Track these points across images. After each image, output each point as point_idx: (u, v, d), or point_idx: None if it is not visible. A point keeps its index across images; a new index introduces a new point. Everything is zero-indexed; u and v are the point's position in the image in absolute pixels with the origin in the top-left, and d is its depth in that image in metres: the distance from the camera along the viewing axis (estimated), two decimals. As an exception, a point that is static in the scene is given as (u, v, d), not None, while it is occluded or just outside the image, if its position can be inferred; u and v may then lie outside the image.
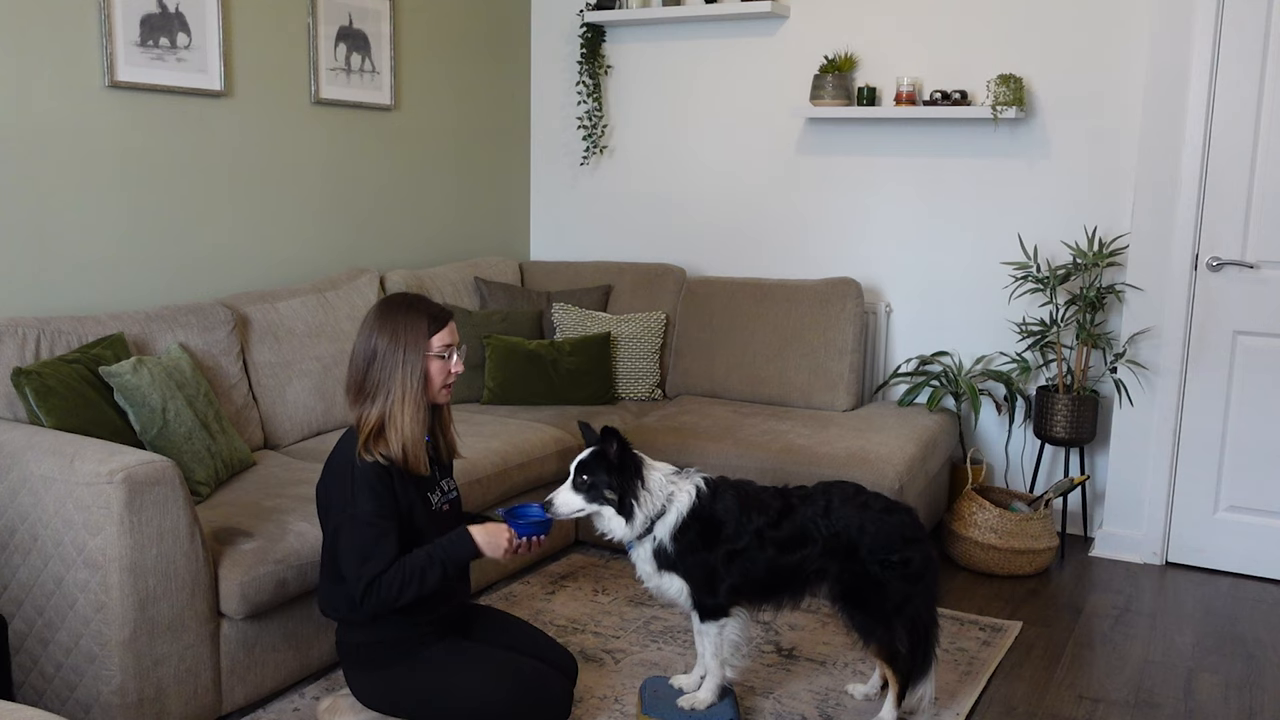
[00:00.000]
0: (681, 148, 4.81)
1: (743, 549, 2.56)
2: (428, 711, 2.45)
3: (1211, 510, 3.88)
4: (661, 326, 4.49)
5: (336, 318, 3.77)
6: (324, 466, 2.46)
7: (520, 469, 3.52)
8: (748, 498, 2.62)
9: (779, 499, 2.65)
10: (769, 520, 2.59)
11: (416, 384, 2.35)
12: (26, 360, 2.82)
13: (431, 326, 2.37)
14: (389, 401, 2.34)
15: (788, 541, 2.59)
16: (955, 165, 4.28)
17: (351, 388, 2.39)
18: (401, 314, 2.37)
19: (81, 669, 2.44)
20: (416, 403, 2.35)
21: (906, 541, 2.60)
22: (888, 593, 2.58)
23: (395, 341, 2.34)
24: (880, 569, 2.57)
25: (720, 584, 2.57)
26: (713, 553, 2.56)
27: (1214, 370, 3.81)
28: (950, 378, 4.17)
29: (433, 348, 2.37)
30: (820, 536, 2.58)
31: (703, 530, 2.55)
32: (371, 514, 2.32)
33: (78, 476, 2.38)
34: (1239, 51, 3.65)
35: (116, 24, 3.24)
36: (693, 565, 2.56)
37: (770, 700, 2.83)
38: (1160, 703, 2.92)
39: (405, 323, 2.36)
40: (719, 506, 2.58)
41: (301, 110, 3.93)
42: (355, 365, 2.39)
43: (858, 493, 2.67)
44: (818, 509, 2.61)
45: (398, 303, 2.41)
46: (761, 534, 2.57)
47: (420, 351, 2.35)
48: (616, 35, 4.87)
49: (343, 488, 2.35)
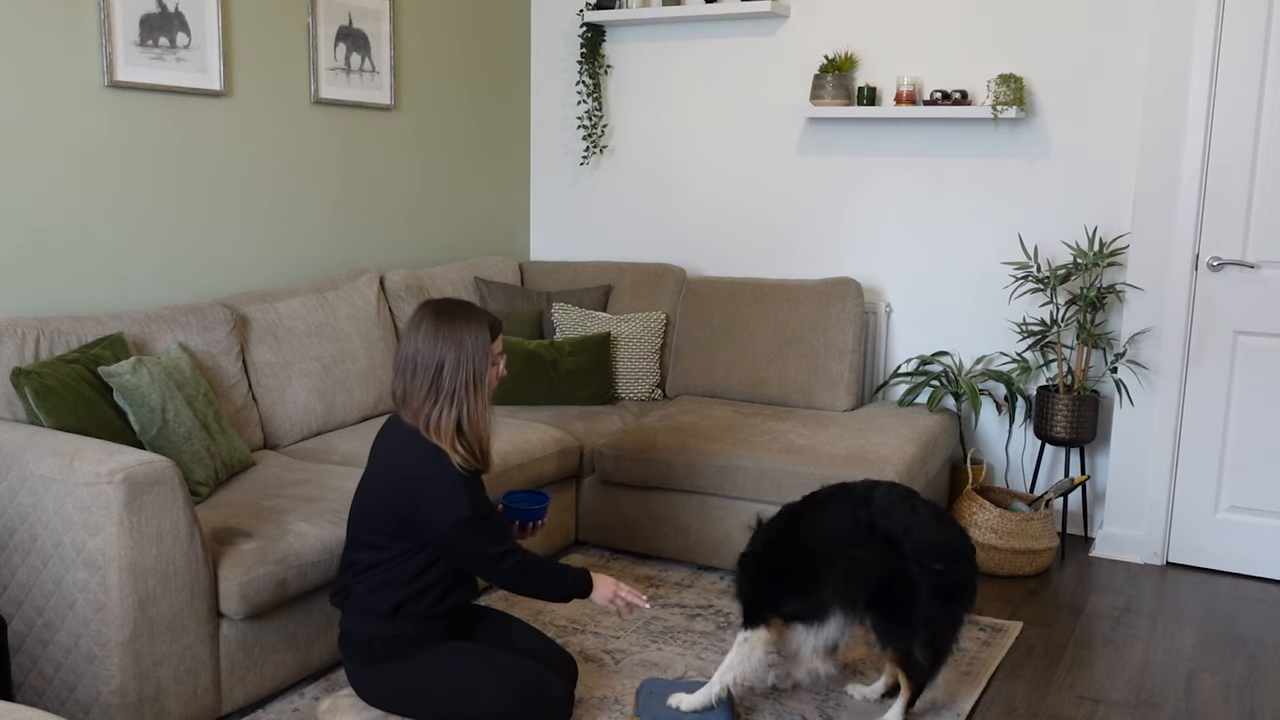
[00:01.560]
0: (681, 148, 4.81)
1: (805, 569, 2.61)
2: (429, 711, 2.46)
3: (1212, 510, 3.88)
4: (661, 326, 4.49)
5: (336, 318, 3.77)
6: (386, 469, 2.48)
7: (520, 469, 3.52)
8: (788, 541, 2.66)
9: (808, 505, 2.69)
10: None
11: (485, 386, 2.46)
12: (26, 360, 2.82)
13: (491, 333, 2.48)
14: (466, 406, 2.43)
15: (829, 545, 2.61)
16: (955, 165, 4.27)
17: (417, 397, 2.43)
18: (460, 321, 2.45)
19: (81, 669, 2.44)
20: (486, 403, 2.47)
21: (955, 556, 2.57)
22: (919, 600, 2.53)
23: (462, 349, 2.43)
24: (919, 573, 2.53)
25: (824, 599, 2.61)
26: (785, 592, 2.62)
27: (1214, 370, 3.81)
28: (950, 378, 4.17)
29: (494, 355, 2.49)
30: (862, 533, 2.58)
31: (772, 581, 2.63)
32: (476, 511, 2.42)
33: (77, 477, 2.38)
34: (1239, 51, 3.65)
35: (116, 24, 3.24)
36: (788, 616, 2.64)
37: (770, 700, 2.82)
38: (1161, 703, 2.91)
39: (471, 331, 2.45)
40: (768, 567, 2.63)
41: (301, 110, 3.93)
42: (420, 373, 2.43)
43: (908, 495, 2.64)
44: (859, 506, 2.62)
45: (454, 311, 2.47)
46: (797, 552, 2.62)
47: (488, 357, 2.46)
48: (616, 35, 4.87)
49: (451, 494, 2.40)
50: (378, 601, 2.47)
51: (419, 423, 2.44)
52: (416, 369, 2.43)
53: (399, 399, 2.48)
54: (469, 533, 2.41)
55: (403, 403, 2.47)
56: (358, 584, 2.50)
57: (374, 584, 2.48)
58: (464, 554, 2.45)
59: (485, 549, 2.45)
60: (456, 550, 2.45)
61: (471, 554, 2.45)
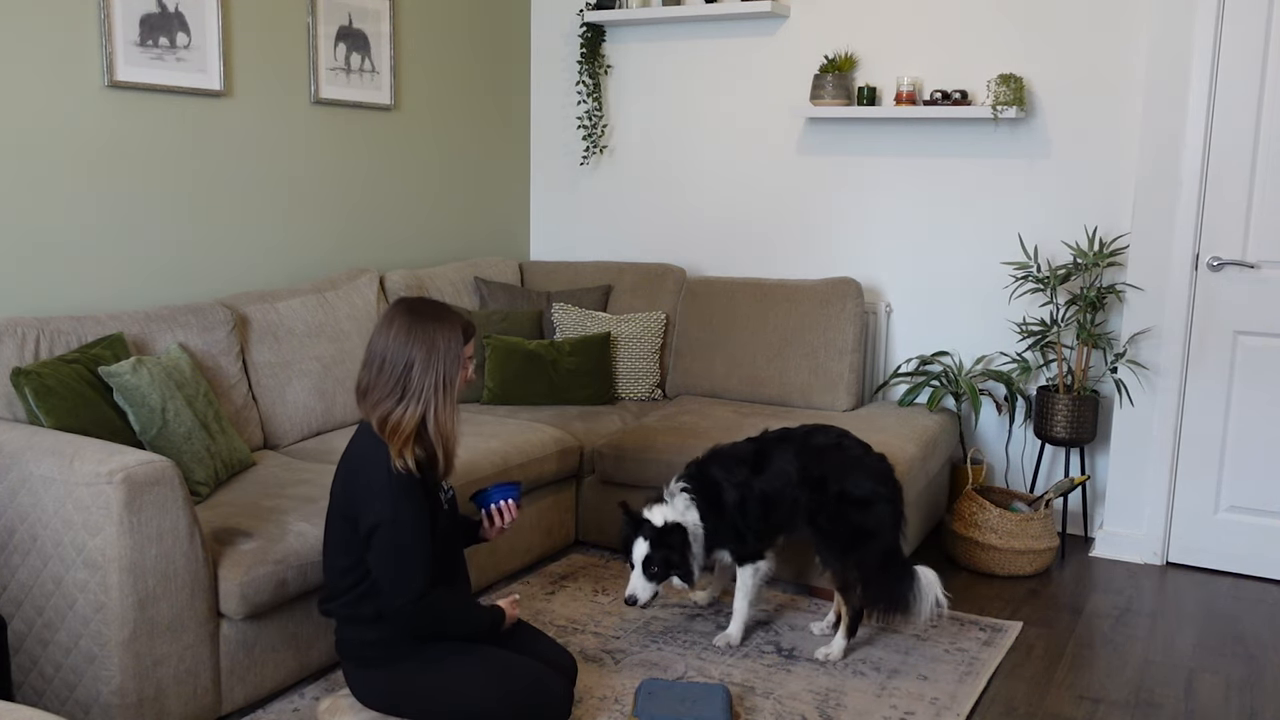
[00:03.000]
0: (681, 148, 4.81)
1: (740, 500, 3.05)
2: (428, 712, 2.45)
3: (1212, 510, 3.88)
4: (661, 326, 4.49)
5: (336, 318, 3.77)
6: (343, 466, 2.47)
7: (520, 469, 3.51)
8: (726, 460, 3.10)
9: (751, 445, 3.15)
10: (751, 471, 3.08)
11: (451, 391, 2.44)
12: (26, 360, 2.82)
13: (464, 337, 2.47)
14: (433, 406, 2.40)
15: (771, 480, 3.07)
16: (955, 165, 4.27)
17: (379, 391, 2.40)
18: (433, 323, 2.42)
19: (81, 669, 2.44)
20: (454, 405, 2.46)
21: (877, 481, 3.06)
22: (845, 526, 3.03)
23: (433, 349, 2.40)
24: (838, 502, 3.03)
25: (746, 533, 3.07)
26: (724, 519, 3.04)
27: (1214, 370, 3.81)
28: (950, 378, 4.17)
29: (464, 359, 2.47)
30: (793, 470, 3.07)
31: (712, 513, 3.03)
32: (413, 522, 2.36)
33: (77, 477, 2.38)
34: (1239, 51, 3.65)
35: (116, 24, 3.24)
36: (722, 538, 3.07)
37: (770, 700, 2.82)
38: (1161, 703, 2.91)
39: (444, 333, 2.42)
40: (709, 487, 3.05)
41: (301, 110, 3.93)
42: (387, 369, 2.40)
43: (841, 436, 3.16)
44: (793, 447, 3.11)
45: (428, 311, 2.45)
46: (748, 484, 3.06)
47: (459, 360, 2.44)
48: (616, 35, 4.87)
49: (378, 494, 2.36)
50: (361, 609, 2.46)
51: (373, 418, 2.41)
52: (384, 365, 2.41)
53: (360, 391, 2.45)
54: (395, 538, 2.35)
55: (363, 396, 2.44)
56: (340, 592, 2.49)
57: (355, 593, 2.46)
58: (381, 557, 2.38)
59: (407, 559, 2.35)
60: (371, 558, 2.39)
61: (387, 560, 2.37)
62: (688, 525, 2.98)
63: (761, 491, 3.07)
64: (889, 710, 2.79)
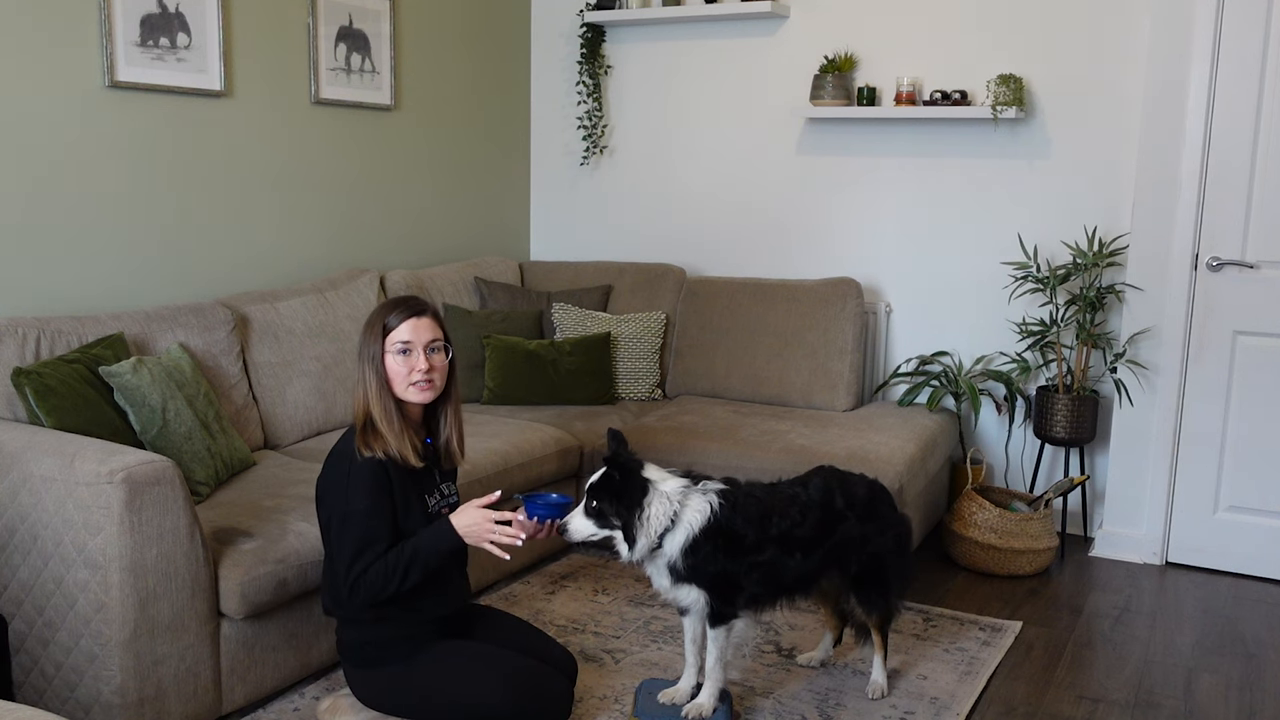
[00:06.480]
0: (682, 148, 4.81)
1: (766, 560, 2.56)
2: (428, 711, 2.46)
3: (1211, 510, 3.88)
4: (661, 326, 4.49)
5: (336, 318, 3.77)
6: (325, 459, 2.49)
7: (520, 469, 3.52)
8: (766, 504, 2.61)
9: (793, 504, 2.64)
10: (793, 523, 2.60)
11: (376, 379, 2.41)
12: (26, 360, 2.82)
13: (390, 322, 2.42)
14: (365, 396, 2.41)
15: (809, 543, 2.62)
16: (955, 165, 4.28)
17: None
18: (376, 311, 2.47)
19: (81, 669, 2.44)
20: (380, 398, 2.40)
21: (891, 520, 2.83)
22: (887, 566, 2.79)
23: (363, 338, 2.45)
24: (879, 546, 2.77)
25: (740, 594, 2.57)
26: (735, 564, 2.53)
27: (1214, 370, 3.81)
28: (950, 378, 4.17)
29: (388, 345, 2.41)
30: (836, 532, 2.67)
31: (724, 544, 2.51)
32: (365, 512, 2.36)
33: (78, 476, 2.38)
34: (1239, 51, 3.65)
35: (116, 24, 3.24)
36: (712, 578, 2.53)
37: (770, 700, 2.83)
38: (1160, 703, 2.92)
39: (374, 319, 2.45)
40: (739, 519, 2.53)
41: (301, 110, 3.93)
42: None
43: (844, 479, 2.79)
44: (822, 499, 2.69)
45: (384, 301, 2.52)
46: (786, 540, 2.58)
47: (378, 347, 2.42)
48: (616, 35, 4.87)
49: (339, 482, 2.39)
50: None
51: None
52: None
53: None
54: (344, 528, 2.36)
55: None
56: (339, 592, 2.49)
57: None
58: (333, 546, 2.40)
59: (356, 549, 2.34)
60: (330, 540, 2.40)
61: (339, 549, 2.38)
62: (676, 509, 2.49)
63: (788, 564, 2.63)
64: (889, 710, 2.79)
